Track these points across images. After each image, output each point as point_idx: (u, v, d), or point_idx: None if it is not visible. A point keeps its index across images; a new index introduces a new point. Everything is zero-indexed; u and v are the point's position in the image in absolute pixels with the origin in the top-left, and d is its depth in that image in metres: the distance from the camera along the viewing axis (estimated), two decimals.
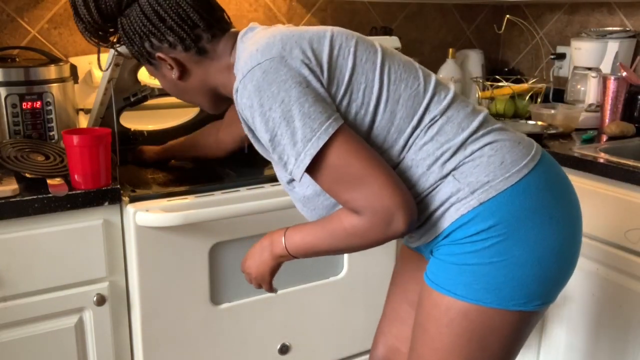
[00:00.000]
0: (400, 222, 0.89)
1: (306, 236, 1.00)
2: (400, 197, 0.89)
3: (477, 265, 0.95)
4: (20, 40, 1.70)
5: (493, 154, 0.95)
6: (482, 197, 0.93)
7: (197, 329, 1.38)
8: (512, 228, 0.93)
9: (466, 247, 0.95)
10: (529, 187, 0.95)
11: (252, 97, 0.90)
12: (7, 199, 1.16)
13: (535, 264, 0.94)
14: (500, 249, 0.93)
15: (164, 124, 1.65)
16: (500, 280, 0.94)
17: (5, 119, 1.37)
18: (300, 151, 0.89)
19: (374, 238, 0.92)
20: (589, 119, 1.97)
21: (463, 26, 2.48)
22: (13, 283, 1.20)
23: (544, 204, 0.95)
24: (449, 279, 0.97)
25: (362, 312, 1.62)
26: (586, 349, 1.62)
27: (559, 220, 0.97)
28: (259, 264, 1.08)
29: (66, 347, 1.29)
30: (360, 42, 0.97)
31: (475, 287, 0.95)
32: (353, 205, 0.91)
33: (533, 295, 0.96)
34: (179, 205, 1.29)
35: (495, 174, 0.94)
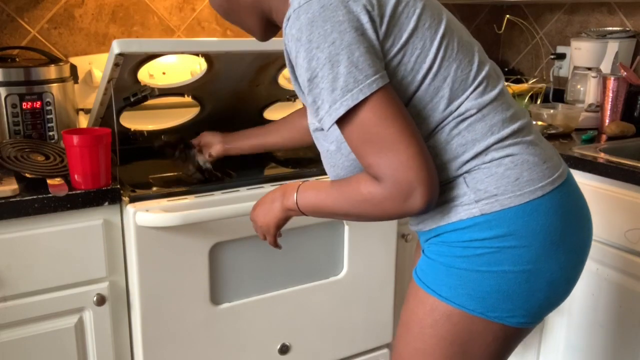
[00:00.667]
0: (418, 199, 0.85)
1: (319, 194, 0.97)
2: (427, 173, 0.84)
3: (465, 271, 0.93)
4: (20, 40, 1.70)
5: (511, 167, 0.91)
6: (485, 208, 0.91)
7: (197, 329, 1.38)
8: (508, 244, 0.91)
9: (456, 250, 0.93)
10: (539, 209, 0.91)
11: (303, 29, 0.84)
12: (7, 199, 1.16)
13: (524, 282, 0.92)
14: (491, 259, 0.91)
15: (164, 124, 1.65)
16: (485, 289, 0.92)
17: (5, 119, 1.37)
18: (337, 99, 0.83)
19: (389, 210, 0.88)
20: (589, 119, 1.97)
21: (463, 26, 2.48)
22: (13, 283, 1.20)
23: (550, 230, 0.92)
24: (436, 279, 0.96)
25: (362, 312, 1.62)
26: (586, 349, 1.62)
27: (562, 249, 0.94)
28: (267, 213, 1.06)
29: (66, 347, 1.29)
30: (428, 6, 0.92)
31: (460, 291, 0.93)
32: (376, 171, 0.86)
33: (518, 312, 0.94)
34: (179, 205, 1.29)
35: (506, 189, 0.91)
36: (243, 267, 1.41)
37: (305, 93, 0.88)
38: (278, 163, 1.65)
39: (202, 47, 1.35)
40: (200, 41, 1.55)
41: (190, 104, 1.61)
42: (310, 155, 1.73)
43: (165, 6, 1.87)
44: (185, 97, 1.56)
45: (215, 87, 1.54)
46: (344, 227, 1.53)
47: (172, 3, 1.88)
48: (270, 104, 1.73)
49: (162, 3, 1.86)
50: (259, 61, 1.48)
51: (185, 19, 1.91)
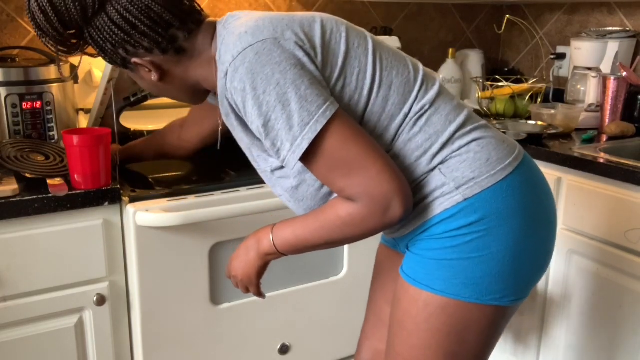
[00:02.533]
0: (397, 208, 0.88)
1: (297, 229, 0.97)
2: (398, 183, 0.88)
3: (456, 260, 0.95)
4: (20, 40, 1.70)
5: (479, 150, 0.95)
6: (467, 192, 0.94)
7: (197, 329, 1.38)
8: (493, 224, 0.94)
9: (445, 242, 0.95)
10: (512, 186, 0.95)
11: (245, 79, 0.86)
12: (7, 199, 1.16)
13: (512, 261, 0.95)
14: (479, 244, 0.94)
15: (164, 124, 1.64)
16: (478, 275, 0.94)
17: (5, 119, 1.37)
18: (297, 135, 0.85)
19: (371, 226, 0.90)
20: (589, 119, 1.97)
21: (463, 26, 2.48)
22: (13, 283, 1.20)
23: (526, 204, 0.96)
24: (427, 274, 0.97)
25: (362, 312, 1.62)
26: (586, 349, 1.62)
27: (538, 220, 0.98)
28: (245, 265, 1.04)
29: (66, 347, 1.29)
30: (350, 28, 0.97)
31: (454, 282, 0.95)
32: (350, 193, 0.89)
33: (509, 291, 0.97)
34: (179, 205, 1.29)
35: (481, 171, 0.94)
36: None
37: (263, 139, 0.89)
38: None
39: None
40: None
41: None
42: None
43: None
44: None
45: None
46: None
47: None
48: None
49: None
50: None
51: None
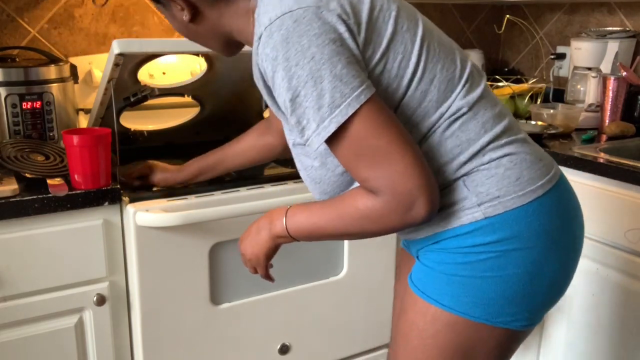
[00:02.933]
0: (421, 208, 0.81)
1: (312, 216, 0.91)
2: (426, 180, 0.81)
3: (468, 278, 0.90)
4: (20, 40, 1.70)
5: (511, 167, 0.89)
6: (488, 211, 0.88)
7: (197, 329, 1.38)
8: (512, 247, 0.88)
9: (457, 257, 0.90)
10: (539, 210, 0.89)
11: (278, 48, 0.79)
12: (7, 199, 1.16)
13: (528, 285, 0.90)
14: (494, 264, 0.89)
15: (164, 124, 1.65)
16: (489, 295, 0.90)
17: (5, 119, 1.37)
18: (324, 117, 0.79)
19: (390, 224, 0.84)
20: (589, 119, 1.97)
21: (463, 26, 2.48)
22: (13, 283, 1.20)
23: (551, 229, 0.90)
24: (436, 288, 0.92)
25: (362, 312, 1.62)
26: (586, 349, 1.62)
27: (561, 246, 0.92)
28: (254, 245, 0.99)
29: (66, 347, 1.29)
30: (402, 8, 0.88)
31: (463, 299, 0.90)
32: (373, 184, 0.82)
33: (521, 315, 0.92)
34: (179, 205, 1.28)
35: (508, 190, 0.88)
36: (243, 267, 1.41)
37: (288, 114, 0.83)
38: (278, 163, 1.65)
39: (202, 47, 1.35)
40: None
41: (190, 104, 1.61)
42: None
43: None
44: (185, 97, 1.56)
45: (215, 87, 1.54)
46: None
47: None
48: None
49: None
50: None
51: None
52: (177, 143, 1.71)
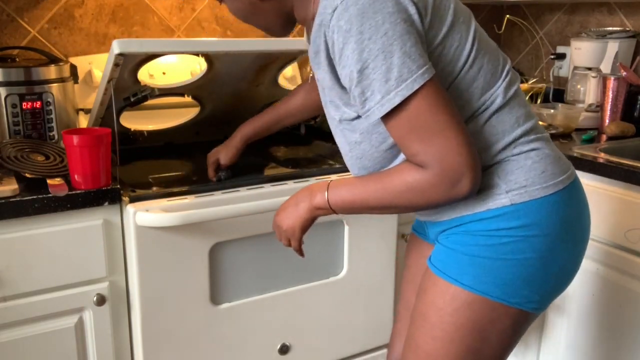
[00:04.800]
0: (466, 184, 0.87)
1: (355, 188, 0.96)
2: (473, 159, 0.87)
3: (489, 259, 0.96)
4: (20, 40, 1.70)
5: (537, 161, 0.96)
6: (515, 198, 0.95)
7: (197, 329, 1.38)
8: (532, 233, 0.95)
9: (480, 239, 0.96)
10: (559, 202, 0.97)
11: (353, 21, 0.84)
12: (7, 199, 1.16)
13: (543, 270, 0.97)
14: (514, 247, 0.95)
15: (164, 124, 1.65)
16: (508, 277, 0.96)
17: (5, 119, 1.37)
18: (391, 89, 0.85)
19: (435, 197, 0.89)
20: (589, 119, 1.97)
21: None
22: (13, 283, 1.20)
23: (568, 220, 0.98)
24: (458, 269, 0.98)
25: (362, 312, 1.62)
26: (586, 349, 1.62)
27: (574, 238, 1.00)
28: (292, 216, 1.04)
29: (66, 347, 1.29)
30: (457, 3, 0.96)
31: (484, 279, 0.96)
32: (423, 158, 0.88)
33: (533, 297, 0.98)
34: (179, 205, 1.29)
35: (534, 181, 0.95)
36: (243, 267, 1.41)
37: (352, 85, 0.88)
38: (278, 163, 1.65)
39: (202, 47, 1.35)
40: (200, 41, 1.55)
41: (190, 104, 1.61)
42: (310, 155, 1.73)
43: (165, 6, 1.87)
44: (185, 97, 1.56)
45: (215, 87, 1.54)
46: (344, 227, 1.53)
47: (172, 3, 1.88)
48: (270, 104, 1.73)
49: (162, 3, 1.86)
50: (259, 61, 1.48)
51: (185, 19, 1.91)
52: (177, 143, 1.71)
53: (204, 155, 1.47)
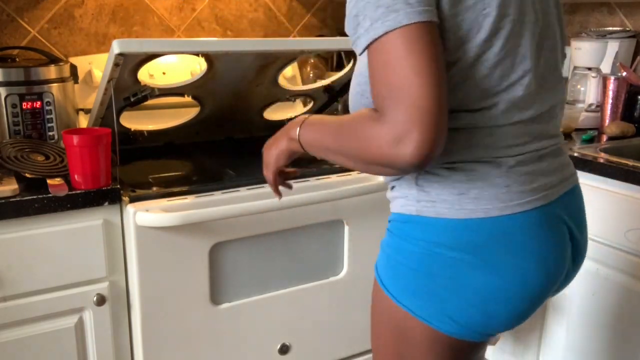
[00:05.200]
0: (410, 145, 0.73)
1: (321, 127, 0.89)
2: (432, 119, 0.73)
3: (400, 264, 0.90)
4: (20, 40, 1.70)
5: (464, 181, 0.86)
6: (423, 210, 0.88)
7: (197, 329, 1.38)
8: (437, 250, 0.87)
9: (395, 241, 0.92)
10: (470, 226, 0.87)
11: None
12: (7, 199, 1.16)
13: (450, 289, 0.88)
14: (423, 260, 0.88)
15: (164, 124, 1.65)
16: (415, 287, 0.89)
17: (5, 119, 1.37)
18: (379, 17, 0.75)
19: (376, 151, 0.77)
20: (589, 119, 1.97)
21: None
22: (13, 283, 1.20)
23: (478, 246, 0.87)
24: (381, 267, 0.95)
25: (362, 312, 1.62)
26: (586, 349, 1.62)
27: (493, 269, 0.87)
28: (271, 145, 1.01)
29: (66, 347, 1.29)
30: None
31: (396, 283, 0.91)
32: (380, 103, 0.76)
33: (446, 317, 0.89)
34: (179, 205, 1.28)
35: (446, 199, 0.87)
36: (243, 267, 1.41)
37: (348, 10, 0.81)
38: None
39: (202, 47, 1.35)
40: (200, 41, 1.55)
41: (190, 104, 1.61)
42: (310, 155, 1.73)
43: (165, 6, 1.87)
44: (185, 97, 1.56)
45: (215, 87, 1.54)
46: (344, 227, 1.53)
47: (172, 3, 1.88)
48: (270, 104, 1.73)
49: (162, 3, 1.86)
50: (259, 61, 1.48)
51: (185, 19, 1.91)
52: (177, 143, 1.71)
53: (204, 155, 1.47)
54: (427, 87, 0.73)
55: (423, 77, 0.74)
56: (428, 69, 0.74)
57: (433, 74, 0.74)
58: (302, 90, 1.74)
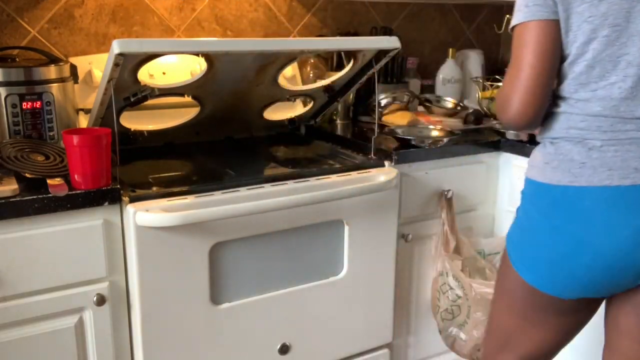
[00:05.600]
0: (510, 111, 1.08)
1: None
2: (528, 96, 1.06)
3: (514, 218, 1.18)
4: (20, 40, 1.70)
5: (564, 152, 1.08)
6: (527, 172, 1.15)
7: (197, 329, 1.38)
8: (522, 204, 1.15)
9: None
10: (539, 191, 1.12)
11: None
12: (7, 199, 1.16)
13: (527, 240, 1.13)
14: (521, 214, 1.15)
15: (164, 124, 1.65)
16: (515, 237, 1.16)
17: (5, 119, 1.37)
18: (514, 13, 1.09)
19: (499, 110, 1.13)
20: None
21: (463, 26, 2.48)
22: (13, 283, 1.20)
23: (543, 210, 1.11)
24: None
25: (362, 312, 1.62)
26: (586, 349, 1.61)
27: (552, 229, 1.09)
28: None
29: (66, 347, 1.29)
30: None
31: (509, 235, 1.19)
32: (507, 73, 1.11)
33: (524, 267, 1.13)
34: (179, 205, 1.29)
35: (535, 164, 1.13)
36: (243, 267, 1.41)
37: None
38: (278, 163, 1.65)
39: (202, 47, 1.35)
40: (200, 41, 1.55)
41: (190, 104, 1.61)
42: (310, 155, 1.73)
43: (165, 6, 1.87)
44: (185, 97, 1.56)
45: (215, 87, 1.54)
46: (344, 227, 1.53)
47: (172, 3, 1.88)
48: (270, 104, 1.73)
49: (162, 3, 1.86)
50: (259, 61, 1.48)
51: (185, 19, 1.91)
52: (177, 143, 1.71)
53: (204, 155, 1.47)
54: (531, 74, 1.05)
55: (530, 69, 1.05)
56: (531, 57, 1.05)
57: (538, 68, 1.05)
58: (302, 90, 1.74)
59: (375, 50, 1.55)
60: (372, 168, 1.57)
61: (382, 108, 1.97)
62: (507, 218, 1.81)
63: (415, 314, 1.79)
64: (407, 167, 1.63)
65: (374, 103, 1.92)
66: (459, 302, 1.64)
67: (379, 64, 1.59)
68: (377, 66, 1.59)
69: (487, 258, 1.76)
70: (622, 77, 1.02)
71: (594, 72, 1.04)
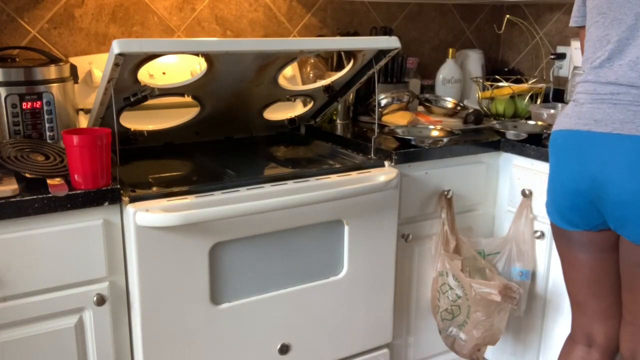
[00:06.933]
0: None
1: None
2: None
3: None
4: (20, 40, 1.70)
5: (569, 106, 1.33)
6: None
7: (197, 329, 1.38)
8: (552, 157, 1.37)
9: None
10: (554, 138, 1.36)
11: None
12: (7, 199, 1.16)
13: (550, 182, 1.37)
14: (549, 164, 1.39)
15: (164, 124, 1.65)
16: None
17: (5, 119, 1.37)
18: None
19: None
20: None
21: (463, 26, 2.48)
22: (13, 283, 1.20)
23: (552, 153, 1.37)
24: None
25: (362, 312, 1.62)
26: None
27: (553, 167, 1.37)
28: None
29: (66, 347, 1.29)
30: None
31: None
32: None
33: (549, 208, 1.39)
34: (179, 205, 1.29)
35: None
36: (243, 267, 1.42)
37: None
38: (278, 163, 1.65)
39: (202, 47, 1.35)
40: (200, 41, 1.55)
41: (190, 104, 1.61)
42: (310, 155, 1.73)
43: (165, 6, 1.87)
44: (185, 97, 1.56)
45: (215, 87, 1.54)
46: (344, 227, 1.53)
47: (172, 3, 1.88)
48: (270, 104, 1.73)
49: (162, 3, 1.86)
50: (259, 61, 1.48)
51: (185, 19, 1.91)
52: (177, 143, 1.71)
53: (204, 155, 1.47)
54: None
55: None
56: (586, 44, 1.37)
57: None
58: (302, 90, 1.74)
59: (375, 50, 1.55)
60: (372, 168, 1.57)
61: (382, 108, 1.97)
62: (507, 218, 1.81)
63: (415, 314, 1.79)
64: (407, 167, 1.63)
65: (374, 103, 1.92)
66: (459, 302, 1.65)
67: (379, 64, 1.59)
68: (377, 66, 1.60)
69: (487, 258, 1.76)
70: (604, 52, 1.29)
71: (589, 50, 1.34)
